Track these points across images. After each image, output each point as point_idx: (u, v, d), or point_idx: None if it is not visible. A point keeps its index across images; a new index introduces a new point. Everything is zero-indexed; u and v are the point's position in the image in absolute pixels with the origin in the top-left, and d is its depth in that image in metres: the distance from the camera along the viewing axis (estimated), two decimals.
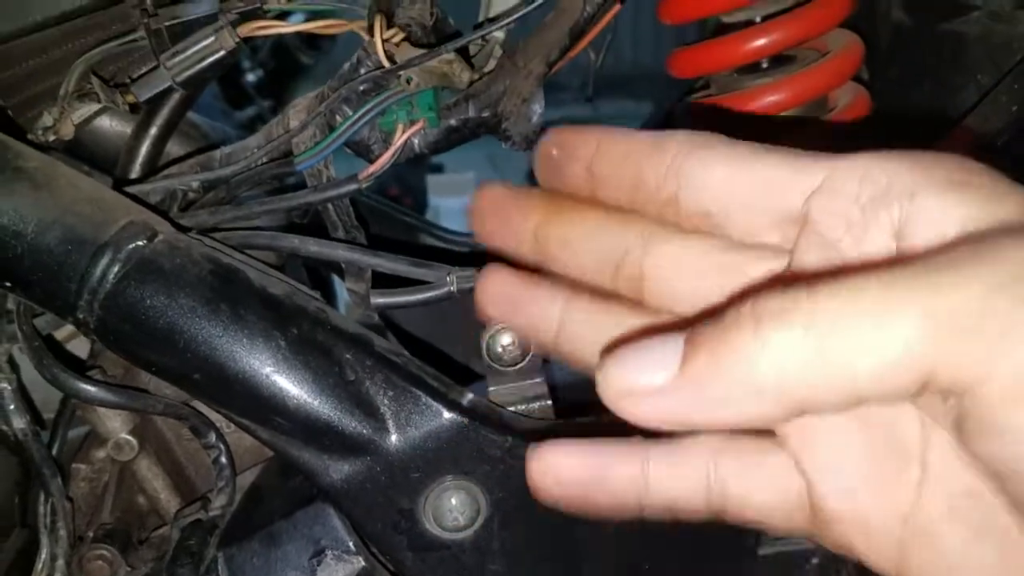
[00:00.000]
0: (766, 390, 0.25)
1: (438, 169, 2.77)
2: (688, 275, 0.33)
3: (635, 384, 0.27)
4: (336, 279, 0.91)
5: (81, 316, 0.48)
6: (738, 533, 0.58)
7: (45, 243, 0.48)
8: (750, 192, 0.30)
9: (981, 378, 0.23)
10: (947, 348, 0.23)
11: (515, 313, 0.37)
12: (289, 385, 0.49)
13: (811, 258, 0.29)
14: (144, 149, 0.67)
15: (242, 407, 0.50)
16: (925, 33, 0.71)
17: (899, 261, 0.26)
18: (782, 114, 0.66)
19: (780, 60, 0.69)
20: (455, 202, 2.46)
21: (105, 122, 0.68)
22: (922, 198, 0.27)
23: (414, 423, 0.51)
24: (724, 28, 0.70)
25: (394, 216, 0.77)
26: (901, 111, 0.72)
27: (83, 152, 0.68)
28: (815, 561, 0.59)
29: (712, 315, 0.26)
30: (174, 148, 0.72)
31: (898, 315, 0.24)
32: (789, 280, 0.26)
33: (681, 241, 0.33)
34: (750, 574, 0.57)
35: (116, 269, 0.48)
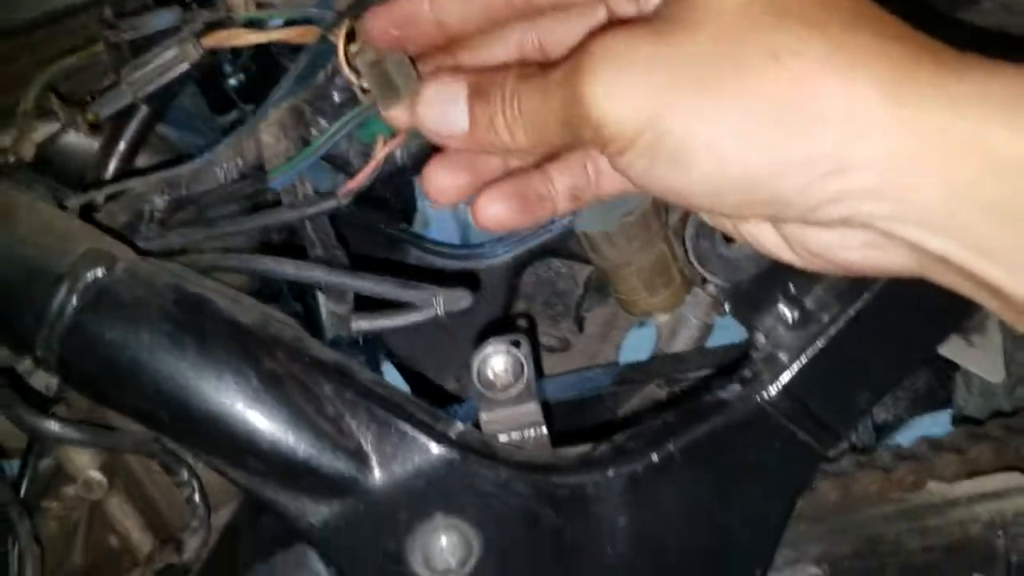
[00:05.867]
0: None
1: None
2: None
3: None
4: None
5: (40, 353, 0.45)
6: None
7: (2, 276, 0.45)
8: None
9: None
10: None
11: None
12: (262, 423, 0.45)
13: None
14: (111, 166, 0.63)
15: (212, 447, 0.47)
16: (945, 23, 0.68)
17: None
18: None
19: None
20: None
21: (71, 138, 0.65)
22: None
23: (399, 459, 0.48)
24: None
25: (378, 229, 0.73)
26: None
27: (51, 169, 0.64)
28: None
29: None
30: (144, 163, 0.68)
31: None
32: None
33: None
34: None
35: (74, 301, 0.45)
